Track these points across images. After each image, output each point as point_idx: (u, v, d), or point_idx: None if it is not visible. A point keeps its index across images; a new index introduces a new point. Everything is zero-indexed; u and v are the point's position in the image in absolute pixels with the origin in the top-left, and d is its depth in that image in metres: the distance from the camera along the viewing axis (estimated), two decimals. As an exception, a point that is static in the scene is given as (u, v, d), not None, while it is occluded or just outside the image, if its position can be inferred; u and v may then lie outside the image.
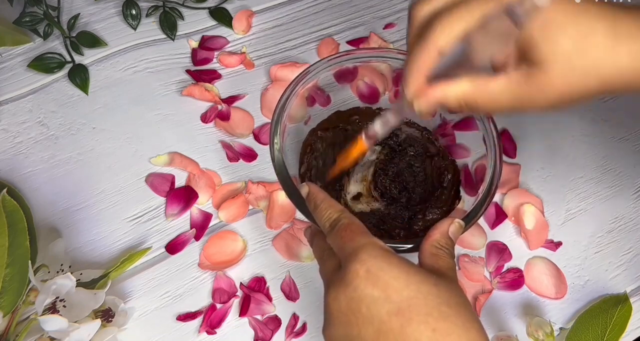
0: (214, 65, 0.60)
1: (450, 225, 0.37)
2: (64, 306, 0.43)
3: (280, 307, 0.49)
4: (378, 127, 0.39)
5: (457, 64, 0.32)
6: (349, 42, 0.62)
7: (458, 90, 0.33)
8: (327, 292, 0.33)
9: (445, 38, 0.31)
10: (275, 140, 0.44)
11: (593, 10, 0.30)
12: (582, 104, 0.32)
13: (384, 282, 0.31)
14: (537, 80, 0.31)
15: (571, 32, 0.30)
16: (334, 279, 0.33)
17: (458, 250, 0.51)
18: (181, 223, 0.52)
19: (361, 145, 0.40)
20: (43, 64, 0.58)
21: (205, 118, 0.57)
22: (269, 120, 0.51)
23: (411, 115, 0.37)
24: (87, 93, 0.58)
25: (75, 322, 0.42)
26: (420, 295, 0.31)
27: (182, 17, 0.62)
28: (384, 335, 0.30)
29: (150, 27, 0.62)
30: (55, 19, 0.60)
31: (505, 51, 0.31)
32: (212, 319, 0.48)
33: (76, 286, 0.43)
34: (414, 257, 0.37)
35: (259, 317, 0.48)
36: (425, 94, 0.33)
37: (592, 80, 0.31)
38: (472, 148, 0.49)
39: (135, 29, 0.61)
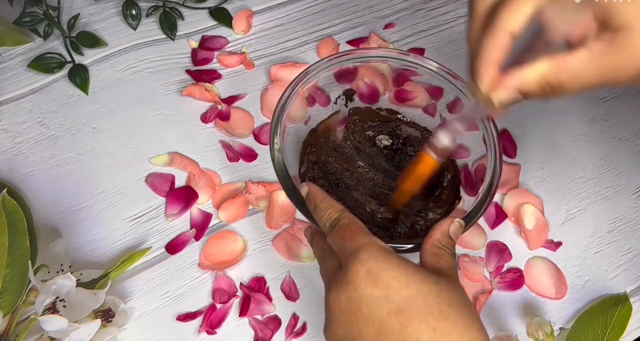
0: (214, 65, 0.60)
1: (451, 225, 0.37)
2: (64, 306, 0.43)
3: (280, 307, 0.49)
4: (447, 140, 0.38)
5: (529, 48, 0.30)
6: (349, 42, 0.62)
7: (538, 72, 0.30)
8: (327, 292, 0.33)
9: (516, 20, 0.30)
10: (275, 140, 0.44)
11: None
12: None
13: (384, 282, 0.31)
14: (624, 46, 0.28)
15: None
16: (334, 279, 0.33)
17: (458, 250, 0.51)
18: (181, 223, 0.52)
19: (431, 162, 0.39)
20: (43, 64, 0.58)
21: (205, 118, 0.57)
22: (269, 120, 0.51)
23: (482, 115, 0.35)
24: (87, 93, 0.58)
25: (75, 322, 0.42)
26: (420, 295, 0.31)
27: (182, 17, 0.62)
28: (385, 334, 0.30)
29: (150, 27, 0.62)
30: (55, 19, 0.60)
31: (582, 23, 0.29)
32: (212, 319, 0.48)
33: (76, 286, 0.43)
34: (414, 257, 0.37)
35: (259, 317, 0.48)
36: (502, 84, 0.31)
37: None
38: (472, 148, 0.49)
39: (135, 29, 0.61)
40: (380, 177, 0.51)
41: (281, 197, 0.52)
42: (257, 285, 0.49)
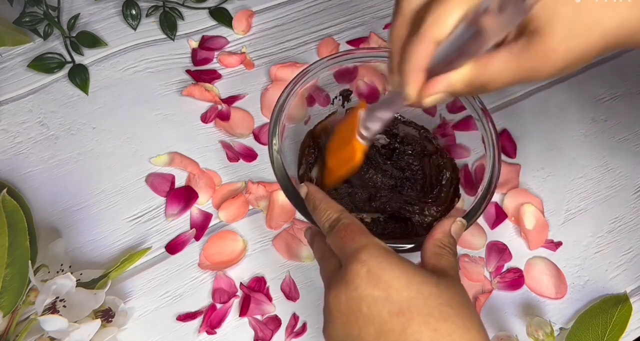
0: (214, 65, 0.60)
1: (452, 224, 0.37)
2: (64, 306, 0.43)
3: (280, 307, 0.49)
4: (376, 126, 0.38)
5: (456, 49, 0.30)
6: (349, 42, 0.62)
7: (462, 75, 0.32)
8: (327, 292, 0.33)
9: (442, 29, 0.30)
10: (274, 141, 0.44)
11: None
12: (586, 64, 0.31)
13: (385, 282, 0.31)
14: (541, 48, 0.30)
15: None
16: (334, 279, 0.33)
17: (458, 250, 0.51)
18: (181, 223, 0.52)
19: (361, 148, 0.39)
20: (43, 64, 0.58)
21: (205, 118, 0.57)
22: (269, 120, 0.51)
23: (404, 107, 0.36)
24: (87, 93, 0.58)
25: (75, 322, 0.42)
26: (420, 296, 0.31)
27: (182, 17, 0.62)
28: (385, 335, 0.30)
29: (150, 27, 0.62)
30: (55, 19, 0.60)
31: (513, 30, 0.30)
32: (212, 319, 0.48)
33: (76, 286, 0.43)
34: (414, 257, 0.37)
35: (259, 317, 0.48)
36: (431, 89, 0.32)
37: (595, 37, 0.30)
38: (472, 148, 0.49)
39: (135, 29, 0.61)
40: (378, 176, 0.51)
41: (281, 197, 0.52)
42: (257, 285, 0.49)
